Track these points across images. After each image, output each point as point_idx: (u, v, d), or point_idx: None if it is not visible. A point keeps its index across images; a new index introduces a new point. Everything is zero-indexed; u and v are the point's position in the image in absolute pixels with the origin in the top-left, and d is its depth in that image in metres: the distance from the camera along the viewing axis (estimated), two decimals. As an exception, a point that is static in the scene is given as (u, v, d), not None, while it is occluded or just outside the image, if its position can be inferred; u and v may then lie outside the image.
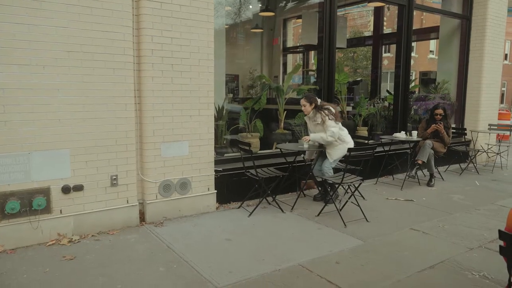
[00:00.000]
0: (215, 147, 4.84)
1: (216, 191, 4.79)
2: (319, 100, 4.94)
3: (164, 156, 4.34)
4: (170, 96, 4.28)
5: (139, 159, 4.27)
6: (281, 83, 7.83)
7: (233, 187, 5.00)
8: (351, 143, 4.89)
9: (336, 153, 4.89)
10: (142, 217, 4.31)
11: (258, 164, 4.94)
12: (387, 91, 8.56)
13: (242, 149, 4.76)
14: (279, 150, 5.20)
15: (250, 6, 9.46)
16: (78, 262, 3.35)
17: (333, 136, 4.75)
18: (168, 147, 4.35)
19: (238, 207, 4.88)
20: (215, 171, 4.78)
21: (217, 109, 5.45)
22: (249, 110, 6.08)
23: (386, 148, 6.37)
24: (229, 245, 3.76)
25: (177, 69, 4.28)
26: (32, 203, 3.60)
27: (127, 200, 4.16)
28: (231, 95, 8.76)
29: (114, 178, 4.04)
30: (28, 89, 3.50)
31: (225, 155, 5.29)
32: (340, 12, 10.36)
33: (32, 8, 3.45)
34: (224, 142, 5.60)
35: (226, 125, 5.72)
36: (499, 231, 2.31)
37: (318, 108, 4.85)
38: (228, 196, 4.98)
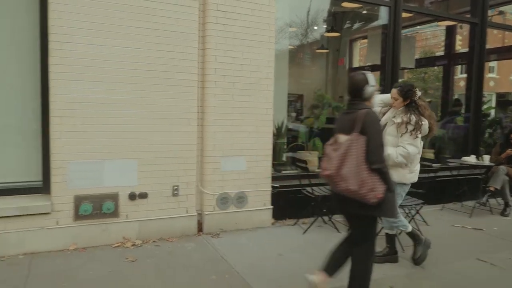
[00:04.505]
0: (273, 163, 4.94)
1: (272, 206, 4.86)
2: (418, 95, 3.59)
3: (223, 170, 4.51)
4: (231, 113, 4.48)
5: (199, 172, 4.49)
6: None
7: (290, 204, 5.03)
8: (416, 176, 3.71)
9: (393, 176, 3.30)
10: (199, 227, 4.50)
11: (315, 182, 4.93)
12: (456, 111, 8.07)
13: (299, 166, 4.80)
14: (337, 169, 5.14)
15: (316, 27, 9.58)
16: (139, 265, 3.59)
17: (406, 157, 3.52)
18: (227, 161, 4.52)
19: (293, 224, 4.89)
20: (272, 187, 4.86)
21: (277, 126, 5.56)
22: (308, 129, 6.12)
23: (454, 172, 6.00)
24: (281, 261, 3.79)
25: (238, 87, 4.48)
26: (102, 207, 3.95)
27: (187, 210, 4.38)
28: (293, 114, 8.85)
29: (176, 189, 4.29)
30: (103, 103, 3.90)
31: (283, 172, 5.35)
32: (410, 32, 10.10)
33: (107, 31, 3.87)
34: (283, 159, 5.67)
35: (286, 142, 5.81)
36: None
37: (411, 108, 3.57)
38: (284, 213, 5.01)
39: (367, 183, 2.48)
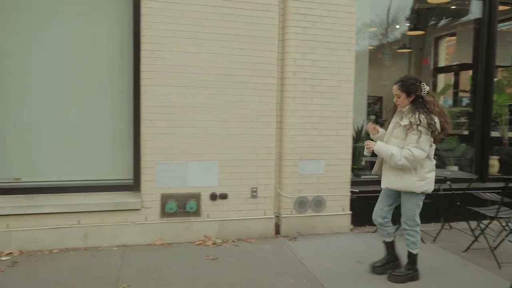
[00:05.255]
0: (352, 168, 4.80)
1: (351, 212, 4.73)
2: (425, 89, 3.18)
3: (301, 173, 4.50)
4: (310, 116, 4.45)
5: (277, 174, 4.51)
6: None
7: (369, 210, 4.76)
8: (428, 185, 3.25)
9: (398, 182, 3.27)
10: (276, 230, 4.52)
11: (397, 188, 4.70)
12: None
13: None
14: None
15: (397, 26, 9.16)
16: (219, 263, 3.70)
17: (410, 161, 3.10)
18: (305, 165, 4.49)
19: (374, 231, 4.70)
20: (351, 192, 4.73)
21: (356, 130, 5.41)
22: (390, 132, 5.84)
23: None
24: (360, 268, 3.66)
25: (317, 90, 4.44)
26: (185, 205, 4.15)
27: (265, 212, 4.43)
28: (373, 117, 8.54)
29: (254, 190, 4.37)
30: (188, 107, 4.11)
31: (362, 176, 5.19)
32: (506, 27, 9.21)
33: (192, 38, 4.08)
34: (362, 163, 5.49)
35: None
36: None
37: (418, 105, 3.15)
38: (363, 219, 4.84)
39: None
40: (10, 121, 4.05)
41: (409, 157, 3.09)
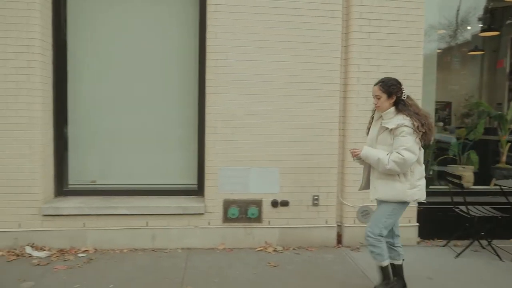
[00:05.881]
0: (419, 177, 4.57)
1: (418, 224, 4.49)
2: (405, 94, 3.01)
3: (364, 182, 4.36)
4: (374, 123, 4.31)
5: (340, 183, 4.42)
6: (505, 111, 6.80)
7: (438, 222, 4.58)
8: (420, 193, 3.03)
9: (388, 192, 3.01)
10: (338, 239, 4.42)
11: (470, 200, 4.39)
12: None
13: (452, 182, 4.34)
14: (498, 187, 4.50)
15: (469, 27, 8.63)
16: (280, 271, 3.69)
17: (400, 164, 2.86)
18: (369, 173, 4.35)
19: (443, 246, 4.43)
20: (418, 203, 4.49)
21: (424, 137, 5.14)
22: (461, 140, 5.51)
23: None
24: (431, 285, 3.47)
25: (382, 96, 4.29)
26: (247, 211, 4.20)
27: (326, 221, 4.35)
28: (441, 124, 8.10)
29: (316, 198, 4.31)
30: (251, 114, 4.17)
31: (430, 187, 4.91)
32: None
33: (256, 47, 4.14)
34: (430, 173, 5.21)
35: (434, 155, 5.33)
36: None
37: (402, 108, 2.96)
38: (431, 232, 4.58)
39: None
40: (86, 128, 4.38)
41: (399, 160, 2.85)
